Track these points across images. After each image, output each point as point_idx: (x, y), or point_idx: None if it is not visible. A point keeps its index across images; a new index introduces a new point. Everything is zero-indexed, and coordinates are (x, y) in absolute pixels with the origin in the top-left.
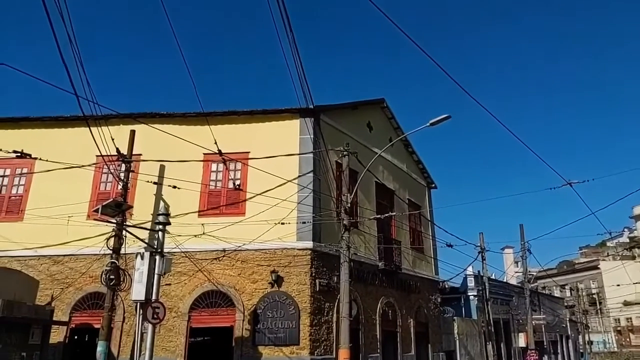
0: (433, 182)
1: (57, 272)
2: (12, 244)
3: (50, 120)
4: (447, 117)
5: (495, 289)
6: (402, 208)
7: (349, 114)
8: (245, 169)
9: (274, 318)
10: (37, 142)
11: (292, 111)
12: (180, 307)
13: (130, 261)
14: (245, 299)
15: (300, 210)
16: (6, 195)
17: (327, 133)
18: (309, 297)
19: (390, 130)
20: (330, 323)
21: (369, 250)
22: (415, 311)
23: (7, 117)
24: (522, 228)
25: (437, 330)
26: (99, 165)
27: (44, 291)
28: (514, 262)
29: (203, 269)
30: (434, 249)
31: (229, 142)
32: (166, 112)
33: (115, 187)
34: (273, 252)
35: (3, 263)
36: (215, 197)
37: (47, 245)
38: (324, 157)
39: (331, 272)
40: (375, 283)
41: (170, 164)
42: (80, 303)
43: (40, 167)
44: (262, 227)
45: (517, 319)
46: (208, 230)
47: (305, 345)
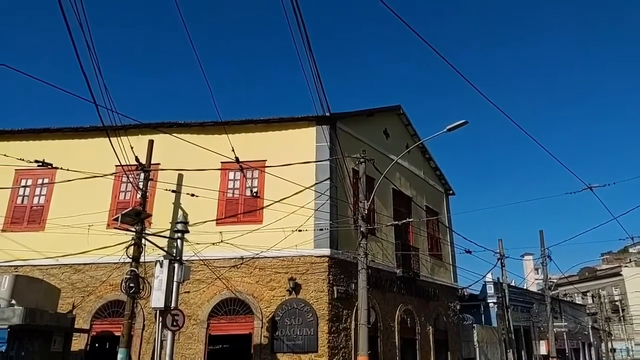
0: (451, 188)
1: (78, 280)
2: (34, 253)
3: (70, 130)
4: (464, 122)
5: (515, 296)
6: (419, 215)
7: (365, 121)
8: (262, 177)
9: (292, 325)
10: (57, 152)
11: (308, 119)
12: (199, 314)
13: (149, 269)
14: (264, 306)
15: (317, 218)
16: (28, 205)
17: (344, 140)
18: (327, 304)
19: (407, 137)
20: (348, 330)
21: (387, 258)
22: (434, 318)
23: (28, 129)
24: (542, 234)
25: (457, 337)
26: (119, 174)
27: (65, 299)
28: (534, 269)
29: (221, 277)
30: (453, 255)
31: (246, 151)
32: (184, 122)
33: (135, 196)
34: (291, 259)
35: (25, 272)
36: (232, 205)
37: (68, 254)
38: (340, 164)
39: (349, 279)
40: (394, 290)
41: (188, 172)
42: (100, 311)
43: (61, 177)
44: (280, 235)
45: (538, 326)
46: (226, 238)
47: (324, 352)
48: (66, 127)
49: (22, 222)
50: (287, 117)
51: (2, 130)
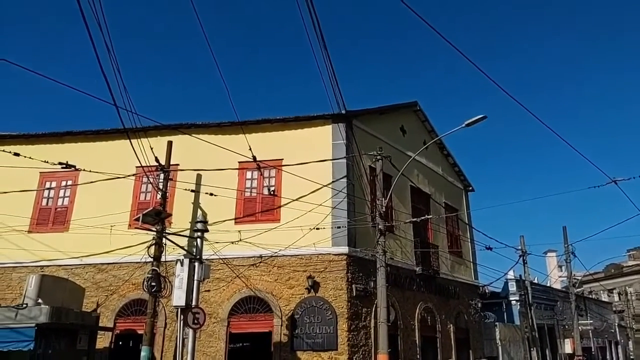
0: (470, 184)
1: (102, 279)
2: (59, 254)
3: (91, 133)
4: (483, 117)
5: (538, 294)
6: (438, 212)
7: (381, 118)
8: (279, 176)
9: (311, 323)
10: (80, 155)
11: (324, 117)
12: (220, 312)
13: (170, 268)
14: (283, 304)
15: (335, 216)
16: (53, 207)
17: (360, 138)
18: (345, 302)
19: (424, 133)
20: (368, 328)
21: (406, 255)
22: (455, 317)
23: (52, 132)
24: (565, 230)
25: (479, 336)
26: (139, 175)
27: (89, 298)
28: (558, 266)
29: (240, 275)
30: (473, 253)
31: (262, 150)
32: (202, 123)
33: (155, 197)
34: (309, 257)
35: (51, 272)
36: (250, 204)
37: (91, 254)
38: (357, 162)
39: (367, 277)
40: (413, 288)
41: (206, 172)
42: (124, 309)
43: (83, 179)
44: (297, 233)
45: (563, 324)
46: (245, 237)
47: (344, 350)
48: (88, 130)
49: (47, 224)
50: (303, 115)
51: (26, 134)
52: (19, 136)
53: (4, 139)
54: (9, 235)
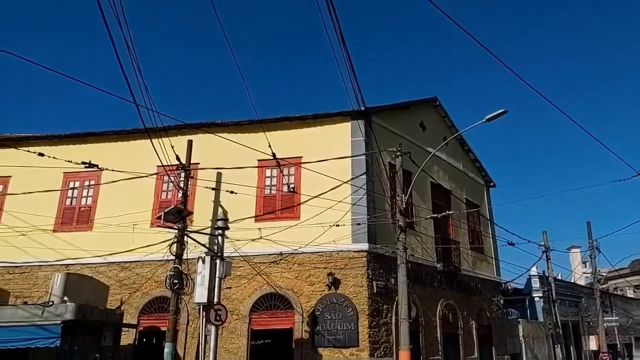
0: (492, 180)
1: (125, 277)
2: (83, 252)
3: (113, 133)
4: (503, 112)
5: (562, 290)
6: (459, 208)
7: (401, 114)
8: (298, 174)
9: (332, 320)
10: (102, 155)
11: (343, 114)
12: (241, 309)
13: (192, 266)
14: (304, 301)
15: (355, 213)
16: (76, 206)
17: (379, 134)
18: (366, 299)
19: (444, 129)
20: (389, 325)
21: (427, 252)
22: (477, 313)
23: (75, 133)
24: (590, 226)
25: (501, 333)
26: (160, 174)
27: (113, 296)
28: (582, 262)
29: (261, 272)
30: (495, 249)
31: (282, 148)
32: (221, 121)
33: (176, 195)
34: (329, 254)
35: (76, 270)
36: (270, 202)
37: (114, 252)
38: (376, 159)
39: (388, 273)
40: (434, 285)
41: (226, 171)
42: (147, 307)
43: (105, 178)
44: (317, 230)
45: (587, 321)
46: (265, 235)
47: (365, 347)
48: (109, 130)
49: (72, 223)
50: (322, 112)
51: (50, 134)
52: (42, 137)
53: (28, 140)
54: (35, 235)
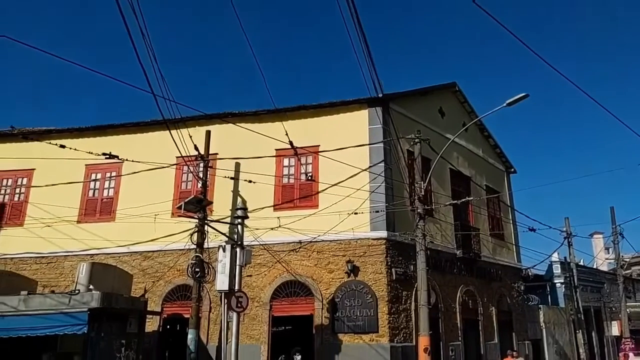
0: (512, 166)
1: (148, 266)
2: (106, 242)
3: (132, 125)
4: (524, 96)
5: (584, 276)
6: (479, 194)
7: (419, 100)
8: (316, 163)
9: (352, 306)
10: (122, 146)
11: (360, 101)
12: (262, 297)
13: (213, 254)
14: (323, 288)
15: (373, 200)
16: (99, 197)
17: (397, 121)
18: (385, 285)
19: (463, 115)
20: (408, 311)
21: (446, 239)
22: (497, 299)
23: (95, 125)
24: (613, 211)
25: (522, 318)
26: (180, 165)
27: (137, 284)
28: (605, 248)
29: (281, 260)
30: (515, 235)
31: (299, 137)
32: (238, 112)
33: (196, 185)
34: (348, 242)
35: (100, 259)
36: (288, 191)
37: (137, 242)
38: (395, 146)
39: (407, 261)
40: (454, 272)
41: (244, 161)
42: (170, 295)
43: (126, 170)
44: (336, 218)
45: (610, 306)
46: (284, 223)
47: (385, 332)
48: (128, 122)
49: (95, 214)
50: (339, 100)
51: (71, 127)
52: (64, 130)
53: (50, 133)
54: (60, 226)
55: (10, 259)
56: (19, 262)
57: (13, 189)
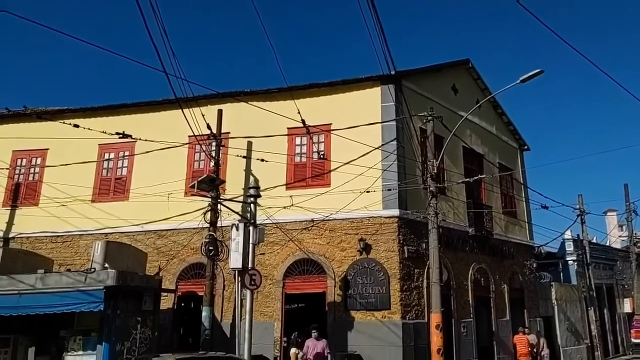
0: (525, 143)
1: (162, 245)
2: (121, 221)
3: (144, 104)
4: (539, 72)
5: (596, 253)
6: (492, 172)
7: (432, 77)
8: (328, 141)
9: (364, 284)
10: (134, 126)
11: (372, 79)
12: (275, 274)
13: (226, 233)
14: (335, 266)
15: (385, 179)
16: (112, 177)
17: (410, 99)
18: (397, 263)
19: (477, 92)
20: (420, 289)
21: (458, 217)
22: (509, 277)
23: (107, 105)
24: (627, 188)
25: (534, 295)
26: (192, 144)
27: (151, 263)
28: (618, 226)
29: (294, 239)
30: (528, 213)
31: (311, 115)
32: (250, 90)
33: (208, 164)
34: (360, 220)
35: (114, 238)
36: (301, 169)
37: (151, 221)
38: (407, 124)
39: (419, 239)
40: (466, 249)
41: (256, 140)
42: (184, 273)
43: (139, 149)
44: (348, 197)
45: (622, 284)
46: (296, 202)
47: (397, 309)
48: (141, 102)
49: (109, 193)
50: (351, 78)
51: (84, 107)
52: (77, 110)
53: (63, 112)
54: (74, 205)
55: (26, 238)
56: (35, 241)
57: (27, 169)
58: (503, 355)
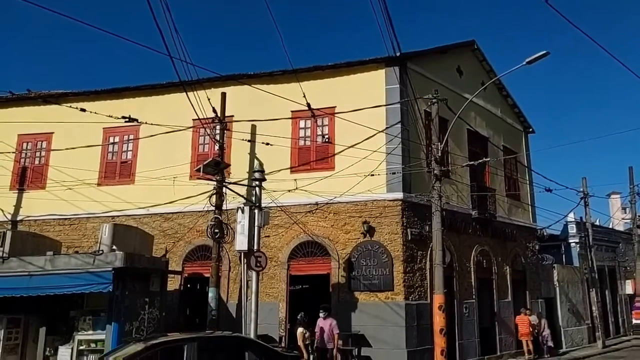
0: (530, 126)
1: (168, 228)
2: (127, 205)
3: (148, 88)
4: (545, 53)
5: (599, 236)
6: (496, 155)
7: (437, 59)
8: (332, 124)
9: (367, 266)
10: (139, 109)
11: (377, 61)
12: (280, 256)
13: (231, 216)
14: (340, 248)
15: (390, 162)
16: (118, 160)
17: (415, 81)
18: (401, 245)
19: (482, 74)
20: (423, 270)
21: (462, 200)
22: (512, 259)
23: (111, 88)
24: (632, 171)
25: (536, 277)
26: (196, 128)
27: (158, 245)
28: (622, 208)
29: (298, 222)
30: (532, 195)
31: (315, 98)
32: (253, 73)
33: (212, 148)
34: (364, 203)
35: (121, 221)
36: (305, 153)
37: (157, 204)
38: (412, 106)
39: (423, 221)
40: (469, 232)
41: (260, 123)
42: (190, 255)
43: (143, 133)
44: (352, 180)
45: (624, 266)
46: (300, 185)
47: (400, 291)
48: (144, 85)
49: (115, 177)
50: (356, 60)
51: (87, 90)
52: (80, 93)
53: (67, 96)
54: (81, 189)
55: (34, 220)
56: (43, 224)
57: (33, 153)
58: (505, 336)
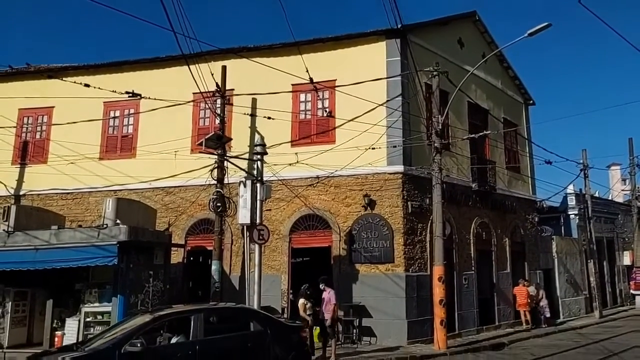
0: (531, 98)
1: (170, 201)
2: (129, 179)
3: (148, 61)
4: (547, 25)
5: (598, 207)
6: (496, 127)
7: (438, 31)
8: (332, 98)
9: (368, 238)
10: (139, 83)
11: (378, 33)
12: (281, 230)
13: (233, 190)
14: (341, 221)
15: (390, 135)
16: (118, 135)
17: (416, 53)
18: (401, 218)
19: (483, 46)
20: (423, 243)
21: (462, 172)
22: (511, 231)
23: (111, 62)
24: (631, 142)
25: (534, 249)
26: (197, 101)
27: (160, 219)
28: (621, 180)
29: (299, 195)
30: (531, 168)
31: (315, 71)
32: (253, 46)
33: (213, 122)
34: (365, 177)
35: (123, 195)
36: (306, 126)
37: (158, 178)
38: (413, 79)
39: (423, 194)
40: (469, 204)
41: (261, 96)
42: (193, 228)
43: (144, 107)
44: (353, 154)
45: (623, 237)
46: (301, 159)
47: (400, 262)
48: (144, 58)
49: (116, 151)
50: (356, 32)
51: (87, 64)
52: (80, 67)
53: (66, 70)
54: (83, 163)
55: (36, 195)
56: (46, 199)
57: (34, 127)
58: (503, 306)
